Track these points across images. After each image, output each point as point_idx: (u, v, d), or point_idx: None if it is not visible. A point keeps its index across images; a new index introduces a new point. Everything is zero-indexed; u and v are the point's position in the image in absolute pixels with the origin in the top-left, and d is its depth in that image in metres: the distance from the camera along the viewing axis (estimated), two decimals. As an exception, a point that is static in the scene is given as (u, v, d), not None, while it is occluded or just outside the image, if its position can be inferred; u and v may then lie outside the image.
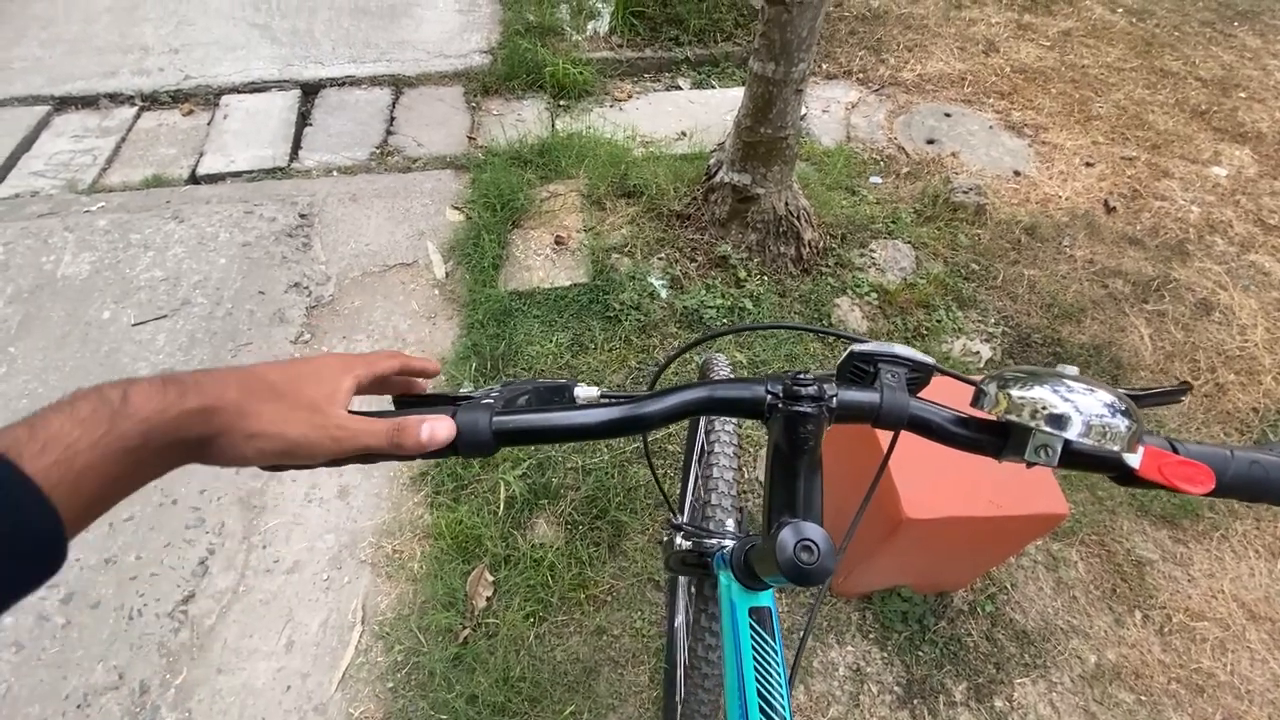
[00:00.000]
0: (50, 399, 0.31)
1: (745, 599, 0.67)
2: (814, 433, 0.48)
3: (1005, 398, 0.45)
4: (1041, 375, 0.45)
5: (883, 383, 0.50)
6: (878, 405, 0.48)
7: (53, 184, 2.48)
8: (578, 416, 0.47)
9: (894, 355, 0.51)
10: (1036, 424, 0.43)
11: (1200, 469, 0.42)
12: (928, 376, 0.52)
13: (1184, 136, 2.85)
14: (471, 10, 3.38)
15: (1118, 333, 2.11)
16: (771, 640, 0.65)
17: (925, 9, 3.55)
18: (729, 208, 2.09)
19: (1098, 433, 0.42)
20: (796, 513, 0.49)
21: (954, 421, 0.49)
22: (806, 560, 0.44)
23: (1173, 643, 1.53)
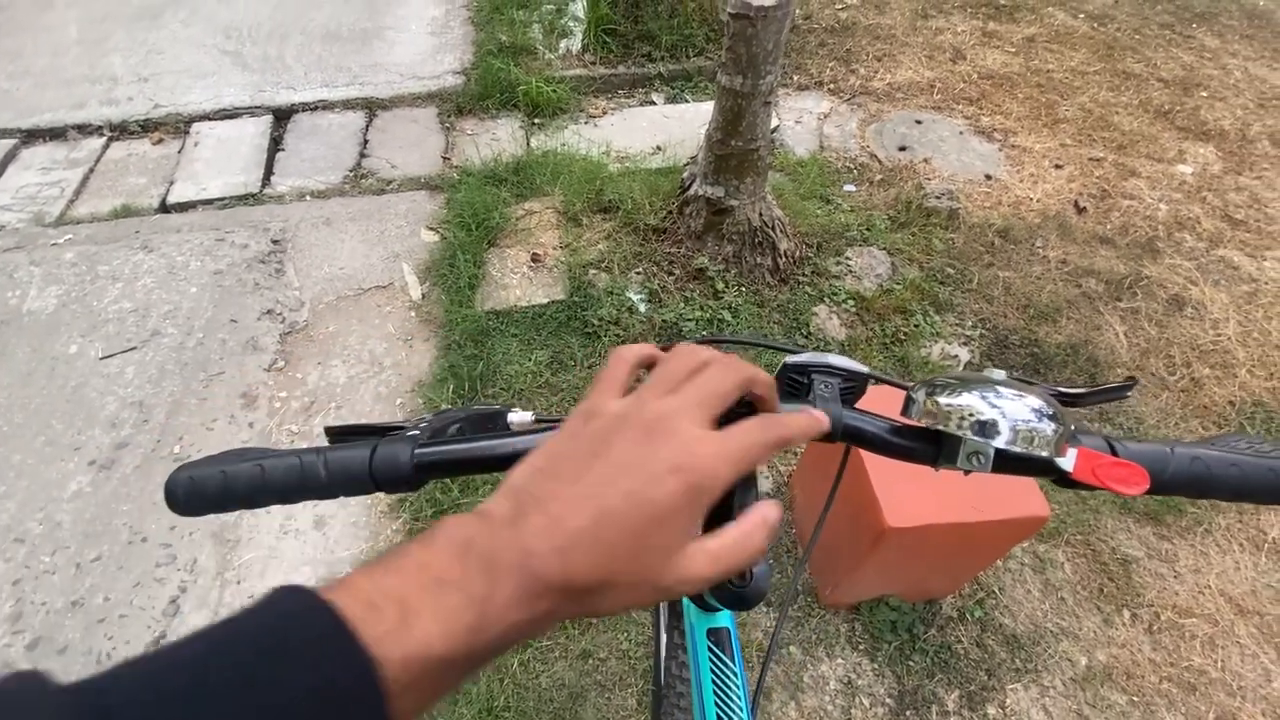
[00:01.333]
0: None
1: (703, 620, 0.65)
2: None
3: (933, 405, 0.44)
4: (970, 381, 0.44)
5: (816, 394, 0.48)
6: None
7: (19, 217, 2.44)
8: (506, 444, 0.45)
9: (828, 365, 0.50)
10: (964, 432, 0.42)
11: (1134, 469, 0.41)
12: (864, 385, 0.51)
13: (1149, 136, 2.91)
14: (444, 32, 3.39)
15: (1093, 331, 2.12)
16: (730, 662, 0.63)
17: (893, 19, 3.61)
18: (704, 220, 2.09)
19: (1025, 438, 0.41)
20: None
21: (889, 431, 0.48)
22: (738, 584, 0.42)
23: (1162, 641, 1.52)
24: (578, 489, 0.31)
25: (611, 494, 0.31)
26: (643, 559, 0.31)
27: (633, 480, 0.32)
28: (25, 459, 1.75)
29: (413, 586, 0.27)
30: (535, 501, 0.31)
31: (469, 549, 0.28)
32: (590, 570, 0.30)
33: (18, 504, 1.66)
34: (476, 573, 0.28)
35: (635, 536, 0.31)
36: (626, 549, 0.30)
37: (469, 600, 0.27)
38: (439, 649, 0.26)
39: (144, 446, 1.77)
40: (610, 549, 0.30)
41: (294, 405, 1.88)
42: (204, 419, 1.84)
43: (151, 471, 1.73)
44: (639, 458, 0.32)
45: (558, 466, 0.33)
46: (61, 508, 1.66)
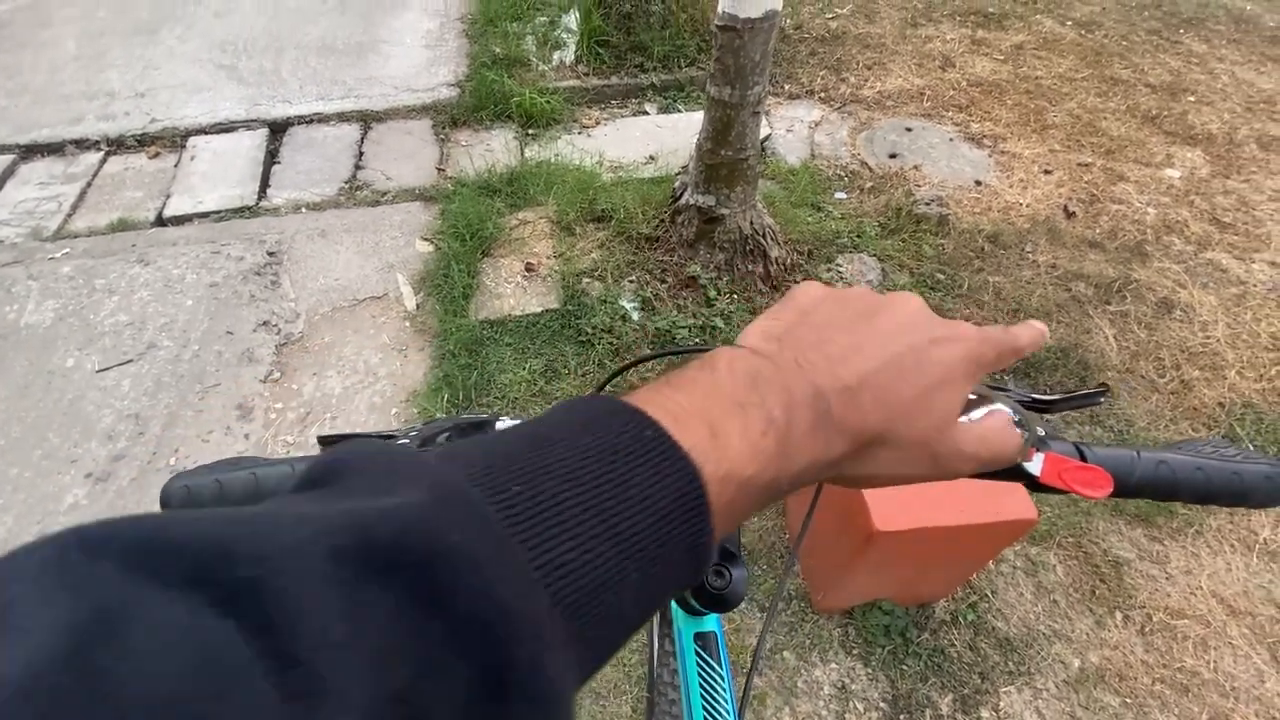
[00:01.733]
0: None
1: (690, 624, 0.66)
2: None
3: None
4: None
5: None
6: None
7: (17, 232, 2.45)
8: None
9: None
10: None
11: (1099, 473, 0.42)
12: None
13: (1137, 141, 2.94)
14: (438, 45, 3.43)
15: (1083, 335, 2.14)
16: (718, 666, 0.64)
17: (882, 28, 3.65)
18: (696, 229, 2.11)
19: None
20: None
21: None
22: (717, 585, 0.44)
23: (1155, 642, 1.53)
24: (856, 339, 0.31)
25: (895, 345, 0.31)
26: (924, 417, 0.30)
27: (914, 337, 0.31)
28: (22, 472, 1.75)
29: (714, 405, 0.26)
30: (810, 346, 0.30)
31: (758, 379, 0.27)
32: (877, 416, 0.29)
33: (14, 517, 1.67)
34: (774, 400, 0.27)
35: (919, 391, 0.30)
36: (910, 401, 0.30)
37: (771, 424, 0.26)
38: (749, 470, 0.25)
39: (140, 459, 1.78)
40: (896, 397, 0.29)
41: (289, 416, 1.89)
42: (200, 431, 1.85)
43: (148, 483, 1.73)
44: (913, 322, 0.32)
45: (822, 320, 0.32)
46: (58, 520, 1.66)
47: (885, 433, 0.29)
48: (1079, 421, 1.90)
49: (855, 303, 0.33)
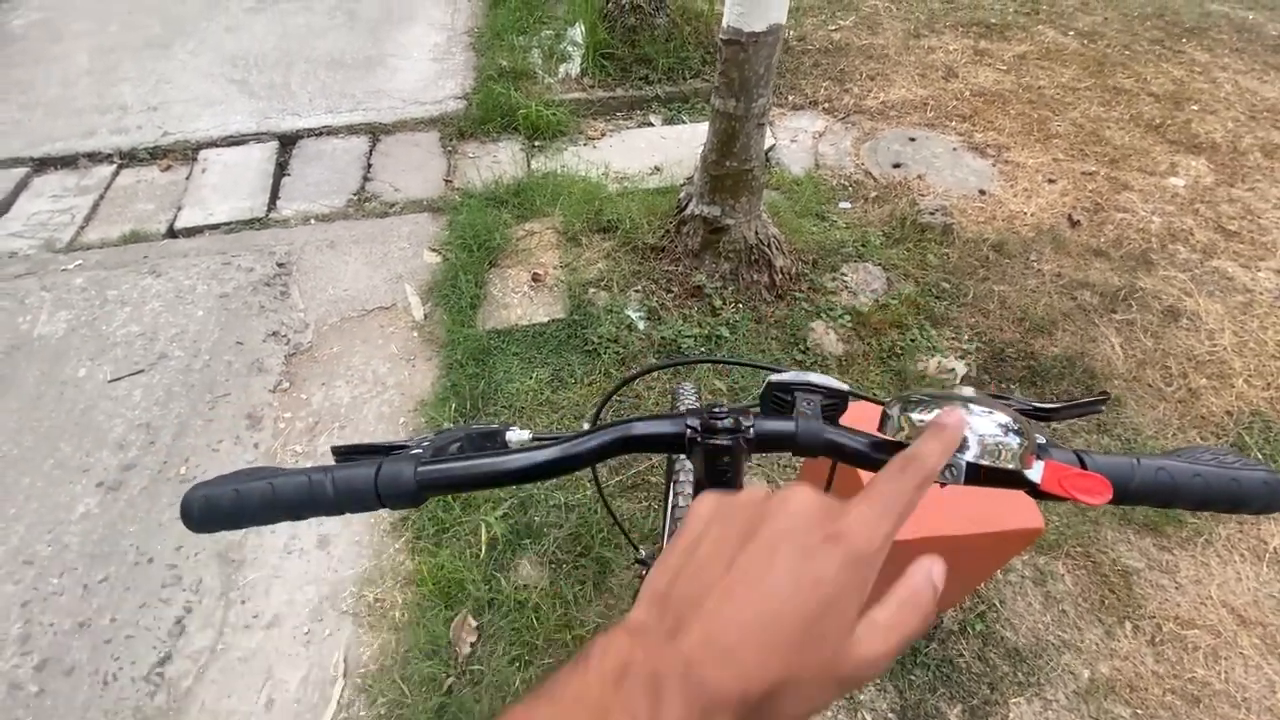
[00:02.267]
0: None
1: None
2: (732, 464, 0.49)
3: (906, 421, 0.47)
4: (941, 398, 0.47)
5: (799, 411, 0.51)
6: (794, 433, 0.50)
7: (30, 244, 2.49)
8: (504, 461, 0.48)
9: (808, 383, 0.52)
10: None
11: (1098, 480, 0.43)
12: (845, 402, 0.53)
13: (1141, 150, 2.95)
14: (446, 58, 3.47)
15: (1089, 343, 2.14)
16: None
17: (885, 39, 3.68)
18: (701, 239, 2.13)
19: (992, 452, 0.43)
20: None
21: (869, 446, 0.50)
22: None
23: (1165, 653, 1.52)
24: (731, 578, 0.29)
25: (771, 579, 0.29)
26: (818, 649, 0.28)
27: (789, 559, 0.29)
28: (34, 481, 1.77)
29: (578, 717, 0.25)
30: (688, 604, 0.29)
31: (626, 672, 0.26)
32: (764, 672, 0.27)
33: (26, 526, 1.69)
34: (639, 696, 0.25)
35: (806, 622, 0.28)
36: (799, 640, 0.28)
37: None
38: None
39: (151, 468, 1.80)
40: (782, 642, 0.27)
41: (298, 425, 1.91)
42: (210, 440, 1.87)
43: (158, 493, 1.75)
44: (793, 530, 0.30)
45: (705, 556, 0.31)
46: (69, 529, 1.68)
47: (781, 682, 0.27)
48: (1086, 430, 1.90)
49: (740, 520, 0.32)
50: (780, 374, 0.53)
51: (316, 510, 0.46)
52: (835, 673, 0.28)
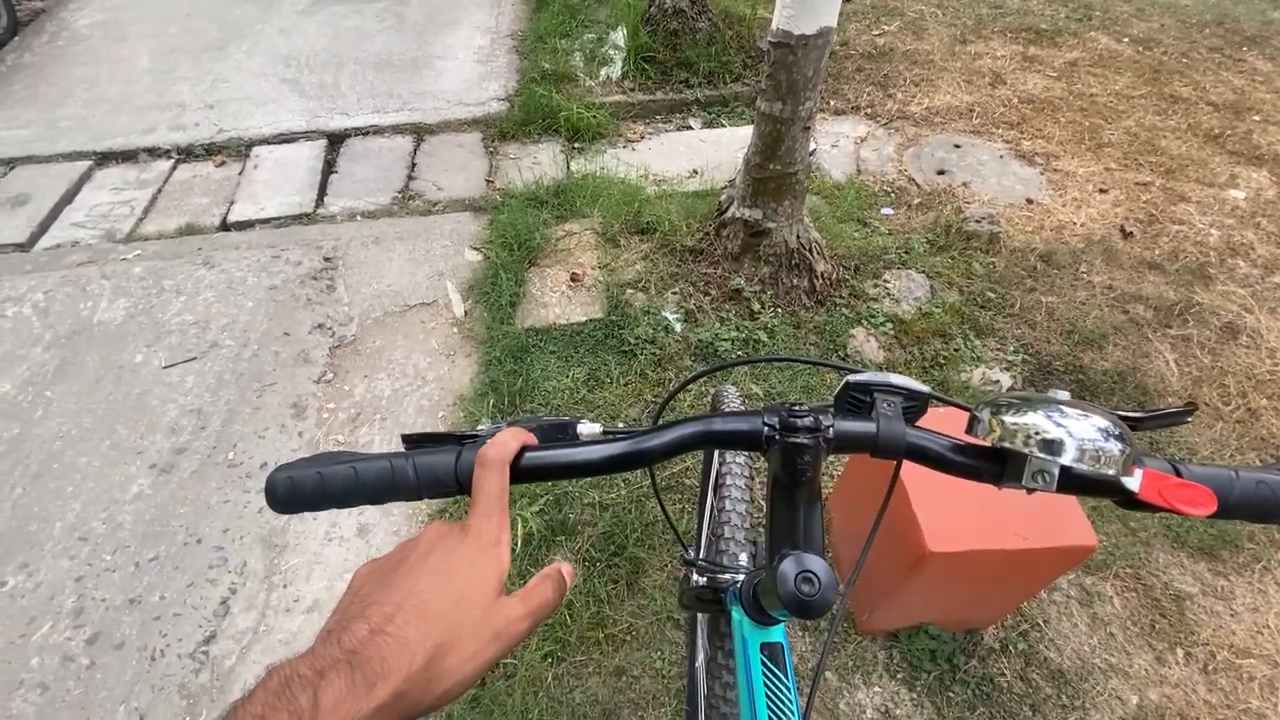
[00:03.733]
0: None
1: (756, 635, 0.66)
2: (811, 463, 0.49)
3: (998, 424, 0.45)
4: (1034, 401, 0.45)
5: (879, 412, 0.50)
6: (874, 435, 0.49)
7: (92, 234, 2.59)
8: (581, 453, 0.48)
9: (889, 385, 0.51)
10: (1030, 450, 0.43)
11: (1201, 491, 0.41)
12: (924, 405, 0.52)
13: (1198, 161, 2.85)
14: (490, 60, 3.52)
15: (1142, 359, 2.07)
16: (784, 677, 0.64)
17: (930, 45, 3.62)
18: (741, 242, 2.12)
19: (1092, 457, 0.41)
20: (797, 544, 0.50)
21: (952, 449, 0.49)
22: (807, 592, 0.44)
23: (1218, 682, 1.46)
24: (386, 585, 0.36)
25: (421, 569, 0.37)
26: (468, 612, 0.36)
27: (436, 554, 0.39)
28: (91, 461, 1.84)
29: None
30: (354, 616, 0.34)
31: (289, 684, 0.30)
32: (426, 639, 0.33)
33: (83, 504, 1.75)
34: (299, 692, 0.30)
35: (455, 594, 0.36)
36: (450, 608, 0.36)
37: (296, 716, 0.29)
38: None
39: (201, 452, 1.86)
40: (435, 613, 0.35)
41: (341, 416, 1.95)
42: (257, 427, 1.92)
43: (207, 476, 1.80)
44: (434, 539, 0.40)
45: (365, 589, 0.37)
46: (123, 509, 1.74)
47: (438, 646, 0.34)
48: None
49: (390, 558, 0.40)
50: (859, 374, 0.52)
51: (396, 495, 0.47)
52: (488, 629, 0.36)
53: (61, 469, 1.82)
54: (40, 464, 1.83)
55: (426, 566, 0.38)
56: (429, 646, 0.33)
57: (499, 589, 0.39)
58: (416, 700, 0.33)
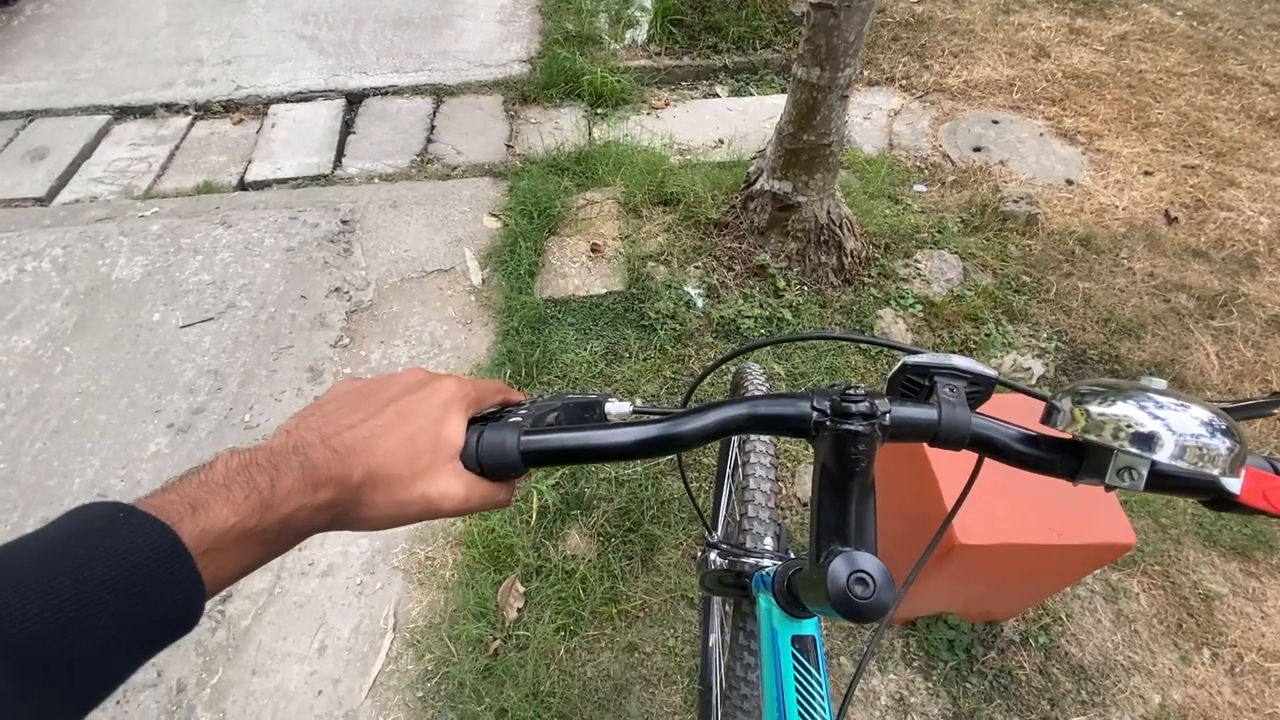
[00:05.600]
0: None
1: (788, 627, 0.63)
2: (866, 453, 0.44)
3: (1083, 414, 0.41)
4: (1124, 389, 0.40)
5: (940, 397, 0.45)
6: (936, 422, 0.44)
7: (110, 190, 2.57)
8: (610, 436, 0.44)
9: (952, 367, 0.46)
10: (1120, 444, 0.39)
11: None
12: (988, 391, 0.47)
13: (1251, 144, 2.71)
14: (512, 21, 3.42)
15: (1181, 350, 1.99)
16: (816, 671, 0.61)
17: (971, 14, 3.46)
18: (769, 216, 2.05)
19: (1194, 454, 0.37)
20: (848, 541, 0.45)
21: (1021, 440, 0.45)
22: (861, 594, 0.40)
23: (1245, 684, 1.42)
24: (353, 414, 0.39)
25: (383, 412, 0.40)
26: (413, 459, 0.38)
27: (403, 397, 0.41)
28: (110, 419, 1.85)
29: (198, 491, 0.32)
30: (311, 428, 0.37)
31: (249, 466, 0.34)
32: (361, 464, 0.37)
33: (101, 461, 1.76)
34: (258, 475, 0.33)
35: (402, 438, 0.39)
36: (393, 449, 0.38)
37: (253, 490, 0.33)
38: (231, 522, 0.31)
39: (217, 413, 1.85)
40: (379, 447, 0.38)
41: (357, 382, 1.93)
42: (273, 390, 1.91)
43: (224, 437, 1.80)
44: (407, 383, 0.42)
45: (332, 407, 0.40)
46: (141, 467, 1.75)
47: (371, 474, 0.37)
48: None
49: (367, 384, 0.42)
50: (918, 355, 0.48)
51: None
52: (419, 488, 0.38)
53: (80, 425, 1.83)
54: (60, 420, 1.84)
55: (391, 408, 0.40)
56: (363, 474, 0.37)
57: (449, 456, 0.40)
58: (345, 513, 0.37)
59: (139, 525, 0.29)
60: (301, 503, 0.34)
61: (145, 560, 0.28)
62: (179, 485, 0.32)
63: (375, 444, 0.38)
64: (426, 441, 0.39)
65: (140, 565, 0.28)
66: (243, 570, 0.33)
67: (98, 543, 0.28)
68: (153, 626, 0.29)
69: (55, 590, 0.26)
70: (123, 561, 0.28)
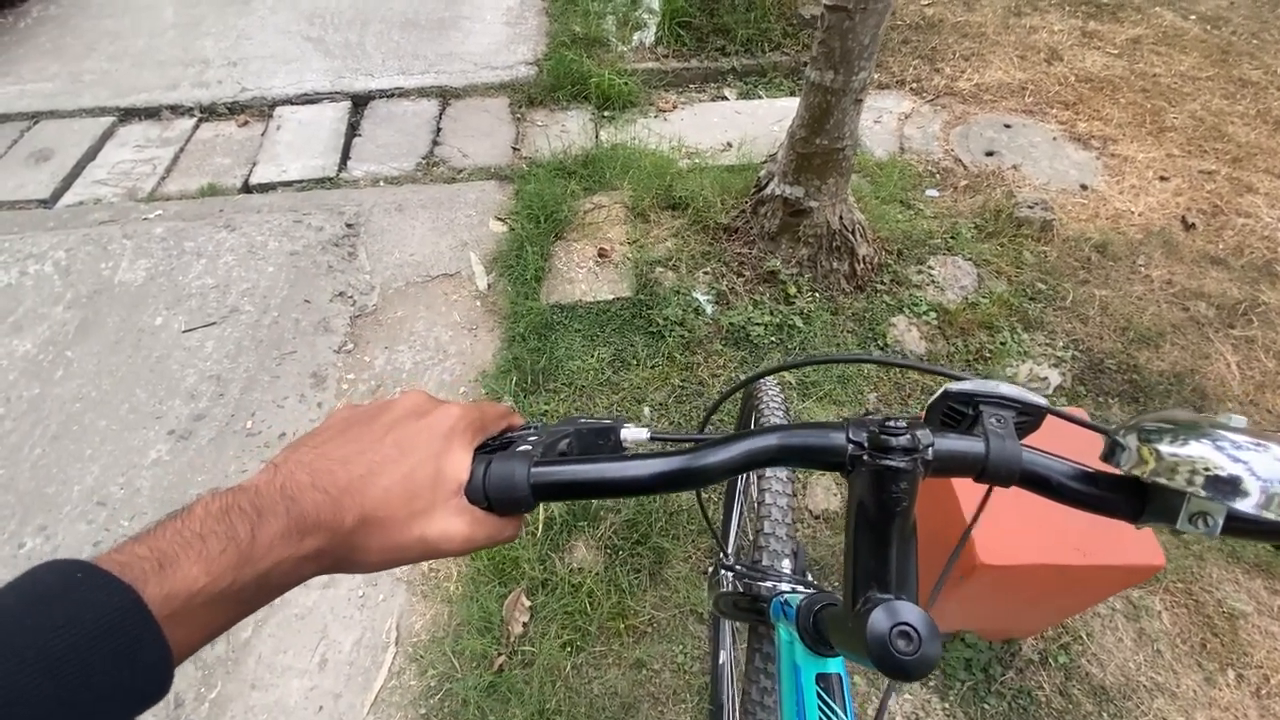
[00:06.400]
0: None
1: (812, 664, 0.60)
2: (908, 491, 0.40)
3: (1151, 454, 0.37)
4: (1198, 427, 0.37)
5: (987, 429, 0.42)
6: (983, 456, 0.41)
7: (114, 192, 2.55)
8: (628, 469, 0.41)
9: (999, 396, 0.43)
10: (1194, 489, 0.35)
11: None
12: (1038, 420, 0.44)
13: (1268, 149, 2.66)
14: (519, 22, 3.39)
15: (1201, 360, 1.95)
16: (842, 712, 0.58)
17: (983, 17, 3.42)
18: (779, 221, 2.01)
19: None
20: (888, 588, 0.41)
21: (1078, 478, 0.41)
22: (905, 649, 0.37)
23: (1271, 707, 1.38)
24: (347, 449, 0.36)
25: (382, 445, 0.37)
26: (410, 500, 0.35)
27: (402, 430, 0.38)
28: (110, 425, 1.82)
29: (170, 543, 0.29)
30: (302, 465, 0.34)
31: (229, 510, 0.31)
32: (355, 508, 0.34)
33: (101, 467, 1.74)
34: (238, 522, 0.31)
35: (403, 476, 0.36)
36: (389, 489, 0.35)
37: (230, 542, 0.30)
38: (202, 583, 0.29)
39: (219, 420, 1.82)
40: (375, 488, 0.35)
41: (361, 388, 1.90)
42: (276, 396, 1.88)
43: (225, 444, 1.77)
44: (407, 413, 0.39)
45: (325, 436, 0.37)
46: (141, 474, 1.72)
47: (365, 518, 0.34)
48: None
49: (365, 412, 0.39)
50: (961, 382, 0.44)
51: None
52: (419, 529, 0.35)
53: (80, 431, 1.80)
54: (60, 425, 1.81)
55: (389, 439, 0.37)
56: (357, 518, 0.34)
57: (451, 492, 0.37)
58: (337, 560, 0.34)
59: (98, 588, 0.26)
60: (285, 554, 0.32)
61: (102, 630, 0.25)
62: (150, 536, 0.30)
63: (370, 483, 0.35)
64: (426, 478, 0.36)
65: (97, 636, 0.25)
66: (213, 634, 0.30)
67: (49, 610, 0.25)
68: (109, 704, 0.26)
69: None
70: (80, 631, 0.25)
